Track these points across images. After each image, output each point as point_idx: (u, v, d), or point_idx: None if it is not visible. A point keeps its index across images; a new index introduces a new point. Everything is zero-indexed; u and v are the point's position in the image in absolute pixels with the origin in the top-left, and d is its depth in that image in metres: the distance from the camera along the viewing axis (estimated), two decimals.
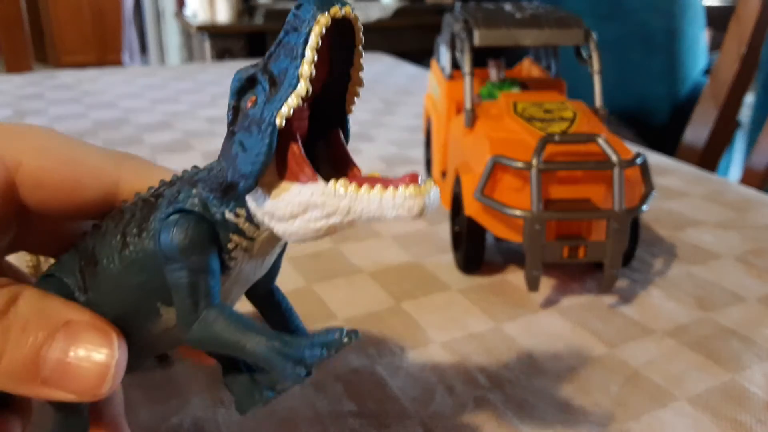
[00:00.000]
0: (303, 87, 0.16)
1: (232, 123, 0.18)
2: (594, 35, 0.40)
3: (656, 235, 0.44)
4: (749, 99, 0.98)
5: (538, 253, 0.33)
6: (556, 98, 0.40)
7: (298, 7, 0.16)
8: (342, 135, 0.19)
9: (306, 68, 0.16)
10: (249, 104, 0.17)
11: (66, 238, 0.22)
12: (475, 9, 0.43)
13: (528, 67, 0.50)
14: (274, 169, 0.17)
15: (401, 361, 0.30)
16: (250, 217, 0.18)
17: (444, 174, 0.45)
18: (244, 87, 0.18)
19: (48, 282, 0.21)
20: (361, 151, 0.61)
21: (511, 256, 0.40)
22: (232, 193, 0.18)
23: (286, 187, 0.17)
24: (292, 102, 0.16)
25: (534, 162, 0.33)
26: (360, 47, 0.17)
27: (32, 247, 0.24)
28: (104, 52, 3.56)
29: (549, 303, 0.35)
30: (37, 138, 0.21)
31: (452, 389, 0.28)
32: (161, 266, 0.18)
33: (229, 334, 0.18)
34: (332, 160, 0.18)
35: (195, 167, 0.20)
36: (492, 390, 0.28)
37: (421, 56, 1.00)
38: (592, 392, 0.28)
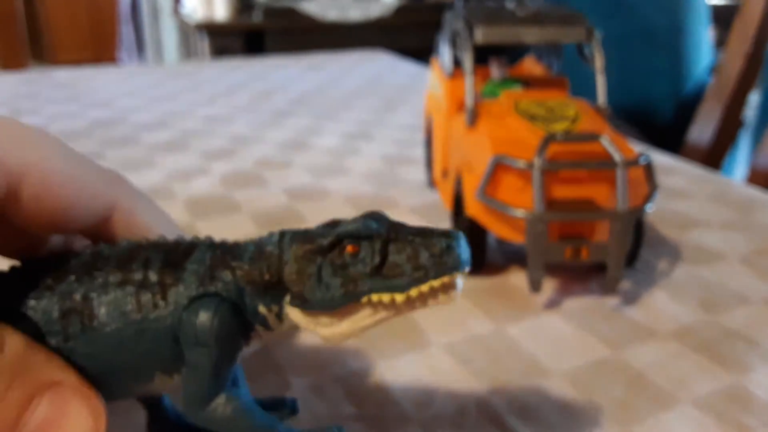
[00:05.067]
0: (402, 298, 0.18)
1: (327, 251, 0.18)
2: (597, 33, 0.39)
3: (660, 235, 0.43)
4: (754, 98, 0.97)
5: (541, 253, 0.33)
6: (558, 96, 0.40)
7: (448, 247, 0.18)
8: None
9: (415, 291, 0.18)
10: (350, 249, 0.18)
11: (36, 245, 0.21)
12: (477, 6, 0.43)
13: (530, 65, 0.50)
14: None
15: (402, 363, 0.30)
16: (280, 313, 0.19)
17: (445, 173, 0.44)
18: (357, 236, 0.18)
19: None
20: (362, 151, 0.61)
21: (513, 257, 0.40)
22: (272, 292, 0.19)
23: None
24: (386, 299, 0.18)
25: (536, 161, 0.33)
26: None
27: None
28: (101, 50, 3.55)
29: (551, 304, 0.35)
30: (46, 148, 0.20)
31: (453, 392, 0.28)
32: (175, 341, 0.19)
33: (241, 426, 0.18)
34: None
35: (209, 238, 0.21)
36: (494, 393, 0.28)
37: (422, 54, 1.00)
38: (595, 395, 0.28)
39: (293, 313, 0.19)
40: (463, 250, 0.18)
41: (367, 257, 0.18)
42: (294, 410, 0.23)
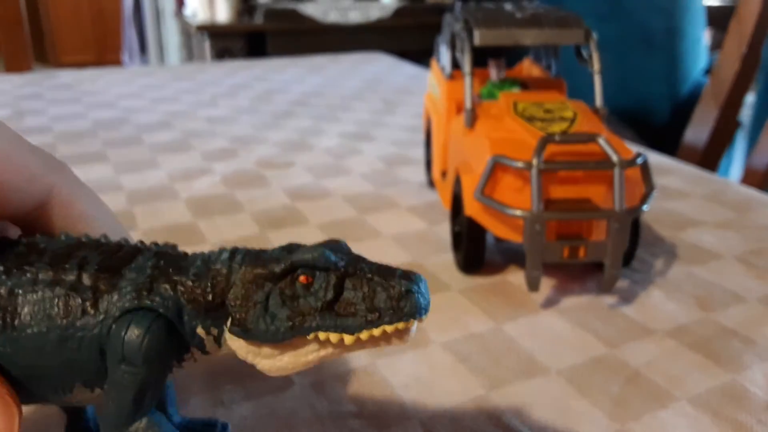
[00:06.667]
0: (352, 340, 0.17)
1: (278, 278, 0.17)
2: (594, 35, 0.40)
3: (657, 235, 0.44)
4: (750, 99, 0.98)
5: (539, 253, 0.33)
6: (556, 98, 0.40)
7: (408, 291, 0.17)
8: None
9: (366, 335, 0.17)
10: (303, 279, 0.17)
11: None
12: (476, 9, 0.43)
13: (528, 67, 0.50)
14: None
15: (401, 361, 0.30)
16: (219, 338, 0.18)
17: (444, 174, 0.44)
18: (312, 266, 0.17)
19: None
20: (362, 151, 0.61)
21: (511, 257, 0.40)
22: (214, 314, 0.18)
23: None
24: (333, 339, 0.17)
25: (534, 162, 0.33)
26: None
27: None
28: (104, 51, 3.57)
29: (549, 303, 0.35)
30: None
31: (452, 390, 0.28)
32: (101, 353, 0.18)
33: None
34: None
35: (155, 243, 0.19)
36: (492, 390, 0.28)
37: (421, 56, 1.00)
38: (592, 393, 0.28)
39: (233, 341, 0.18)
40: (423, 295, 0.17)
41: (320, 291, 0.17)
42: None
